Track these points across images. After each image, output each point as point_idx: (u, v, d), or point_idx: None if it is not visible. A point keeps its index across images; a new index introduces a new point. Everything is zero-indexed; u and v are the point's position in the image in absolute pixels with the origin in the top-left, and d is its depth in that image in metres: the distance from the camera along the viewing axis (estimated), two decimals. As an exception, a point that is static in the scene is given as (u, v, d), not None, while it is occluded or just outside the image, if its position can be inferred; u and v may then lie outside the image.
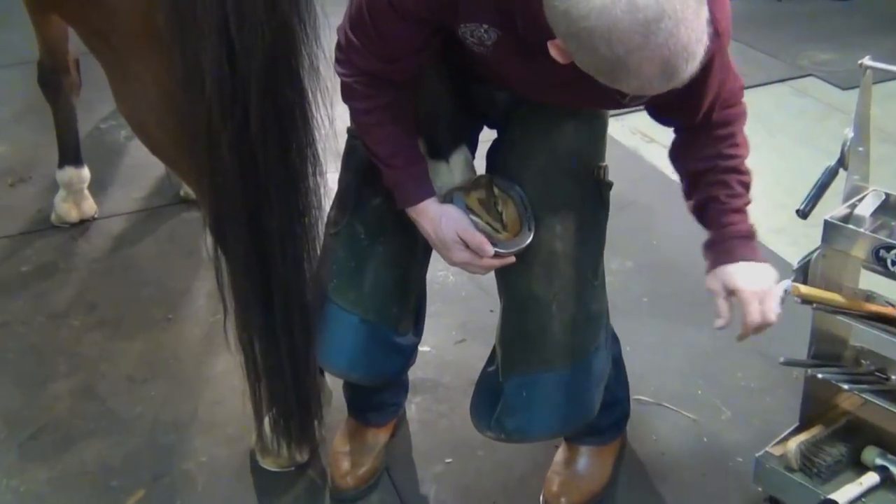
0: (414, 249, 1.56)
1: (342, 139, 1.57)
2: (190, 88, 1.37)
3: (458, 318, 2.26)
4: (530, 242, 1.43)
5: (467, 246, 1.39)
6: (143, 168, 2.94)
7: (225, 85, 1.33)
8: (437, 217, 1.40)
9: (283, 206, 1.45)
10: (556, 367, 1.47)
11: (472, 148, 1.59)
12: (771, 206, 2.44)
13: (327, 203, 1.58)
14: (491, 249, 1.38)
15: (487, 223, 1.42)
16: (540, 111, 1.47)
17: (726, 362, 2.09)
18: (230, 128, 1.35)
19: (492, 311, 2.15)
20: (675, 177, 1.49)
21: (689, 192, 1.43)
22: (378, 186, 1.47)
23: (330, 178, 1.56)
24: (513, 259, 1.42)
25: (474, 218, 1.41)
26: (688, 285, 2.37)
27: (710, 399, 2.00)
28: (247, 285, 1.51)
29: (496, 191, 1.45)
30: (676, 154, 1.45)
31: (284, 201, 1.45)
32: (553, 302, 1.46)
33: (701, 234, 1.45)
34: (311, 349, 1.57)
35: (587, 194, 1.50)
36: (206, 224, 1.56)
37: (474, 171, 1.52)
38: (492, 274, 1.50)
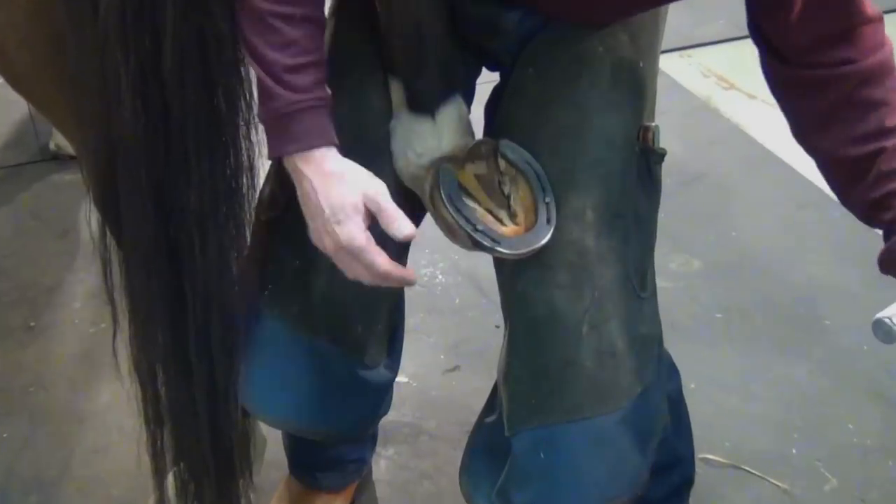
0: (385, 239, 1.55)
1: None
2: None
3: (449, 335, 2.28)
4: (549, 240, 1.42)
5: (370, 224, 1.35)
6: (-5, 108, 2.94)
7: None
8: (339, 173, 1.35)
9: (204, 173, 1.44)
10: (588, 417, 1.47)
11: (468, 97, 1.59)
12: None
13: (261, 173, 1.56)
14: (407, 229, 1.34)
15: (489, 211, 1.41)
16: (562, 44, 1.47)
17: (833, 408, 2.11)
18: (134, 60, 1.34)
19: (497, 326, 2.17)
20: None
21: (846, 186, 1.42)
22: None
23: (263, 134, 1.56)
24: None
25: (470, 203, 1.40)
26: (780, 296, 2.39)
27: (809, 461, 2.02)
28: (148, 286, 1.50)
29: (502, 164, 1.44)
30: (809, 136, 1.44)
31: (207, 166, 1.44)
32: (583, 322, 1.46)
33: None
34: (235, 381, 1.57)
35: (630, 167, 1.50)
36: (90, 194, 1.56)
37: (472, 134, 1.51)
38: (493, 275, 1.50)
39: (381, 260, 1.35)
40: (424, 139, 1.44)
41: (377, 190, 1.34)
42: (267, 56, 1.34)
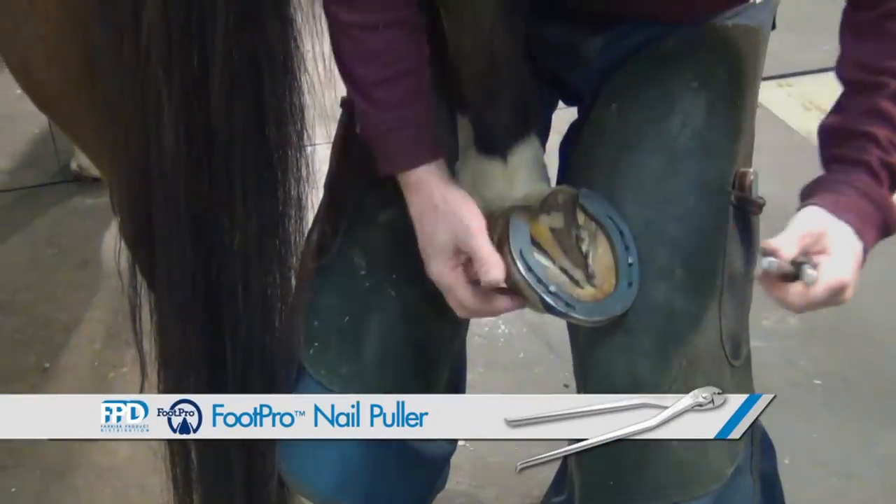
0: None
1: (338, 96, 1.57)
2: (112, 10, 1.38)
3: (512, 393, 2.25)
4: (632, 302, 1.41)
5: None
6: (11, 122, 2.98)
7: (176, 8, 1.33)
8: (433, 204, 1.39)
9: (249, 210, 1.45)
10: (674, 501, 1.46)
11: (543, 135, 1.58)
12: None
13: (310, 214, 1.56)
14: (493, 275, 1.35)
15: (563, 270, 1.40)
16: (651, 77, 1.48)
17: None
18: (178, 82, 1.36)
19: (566, 385, 2.16)
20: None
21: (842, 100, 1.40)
22: (391, 190, 1.46)
23: (317, 161, 1.56)
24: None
25: (543, 260, 1.39)
26: (888, 361, 2.36)
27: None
28: (183, 334, 1.51)
29: (581, 217, 1.43)
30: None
31: (253, 202, 1.45)
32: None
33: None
34: (275, 448, 1.56)
35: (725, 218, 1.49)
36: (120, 230, 1.57)
37: (547, 180, 1.50)
38: (565, 330, 1.49)
39: (469, 301, 1.39)
40: (494, 183, 1.44)
41: (469, 231, 1.36)
42: (354, 71, 1.39)
